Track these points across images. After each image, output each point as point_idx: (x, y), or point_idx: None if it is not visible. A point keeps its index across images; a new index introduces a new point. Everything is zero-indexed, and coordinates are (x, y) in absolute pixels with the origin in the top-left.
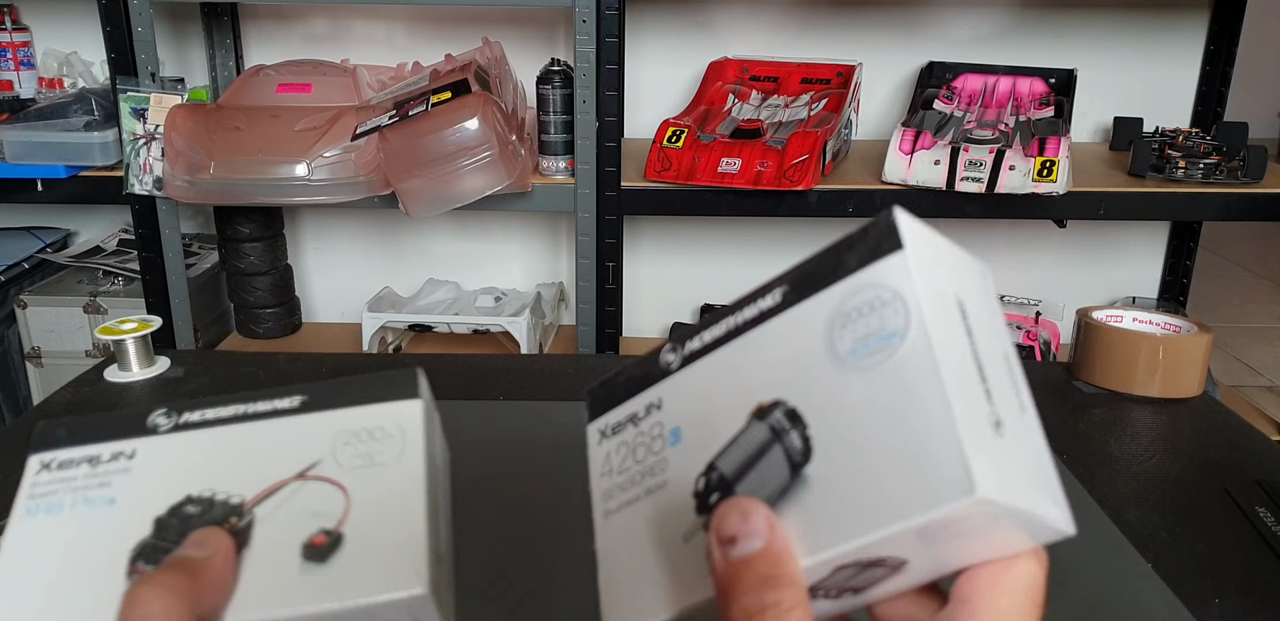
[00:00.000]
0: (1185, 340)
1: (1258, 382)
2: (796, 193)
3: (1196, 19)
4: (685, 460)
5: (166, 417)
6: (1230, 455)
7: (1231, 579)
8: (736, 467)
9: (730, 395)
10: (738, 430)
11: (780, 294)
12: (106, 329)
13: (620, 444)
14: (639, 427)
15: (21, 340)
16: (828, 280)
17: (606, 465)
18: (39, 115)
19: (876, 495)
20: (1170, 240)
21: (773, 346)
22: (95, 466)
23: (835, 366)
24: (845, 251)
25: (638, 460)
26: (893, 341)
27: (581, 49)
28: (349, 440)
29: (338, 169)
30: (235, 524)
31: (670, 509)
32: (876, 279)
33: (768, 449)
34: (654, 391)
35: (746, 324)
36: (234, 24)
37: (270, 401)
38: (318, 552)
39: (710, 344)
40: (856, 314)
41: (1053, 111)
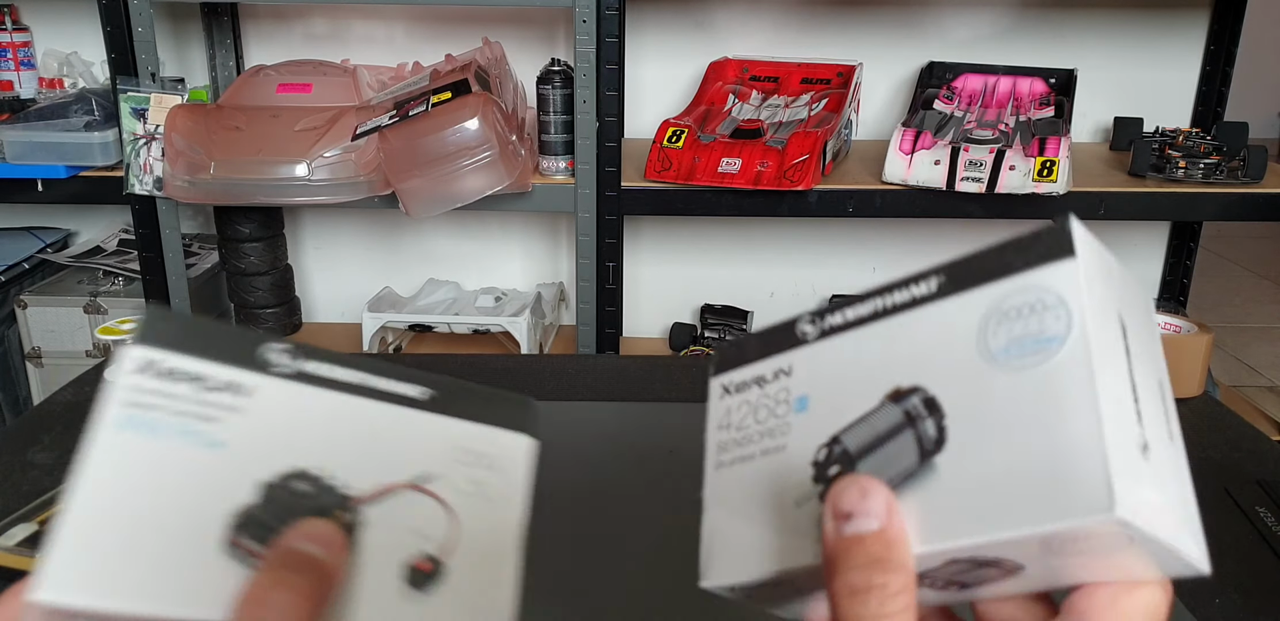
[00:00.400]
0: (1185, 340)
1: (1258, 382)
2: (797, 193)
3: (1196, 19)
4: (808, 428)
5: (289, 357)
6: (1230, 455)
7: (1231, 578)
8: (863, 445)
9: (866, 374)
10: (869, 409)
11: (936, 283)
12: (107, 329)
13: (743, 402)
14: (764, 390)
15: (22, 340)
16: (991, 276)
17: (725, 419)
18: (39, 115)
19: (1008, 496)
20: (1170, 240)
21: (920, 333)
22: (203, 390)
23: (984, 361)
24: (1013, 251)
25: (759, 420)
26: (1051, 346)
27: (582, 49)
28: (466, 460)
29: (338, 169)
30: (341, 517)
31: (787, 472)
32: (1044, 282)
33: (899, 432)
34: (785, 357)
35: (895, 307)
36: (234, 24)
37: (396, 382)
38: (421, 579)
39: (853, 321)
40: (1016, 313)
41: (1053, 111)
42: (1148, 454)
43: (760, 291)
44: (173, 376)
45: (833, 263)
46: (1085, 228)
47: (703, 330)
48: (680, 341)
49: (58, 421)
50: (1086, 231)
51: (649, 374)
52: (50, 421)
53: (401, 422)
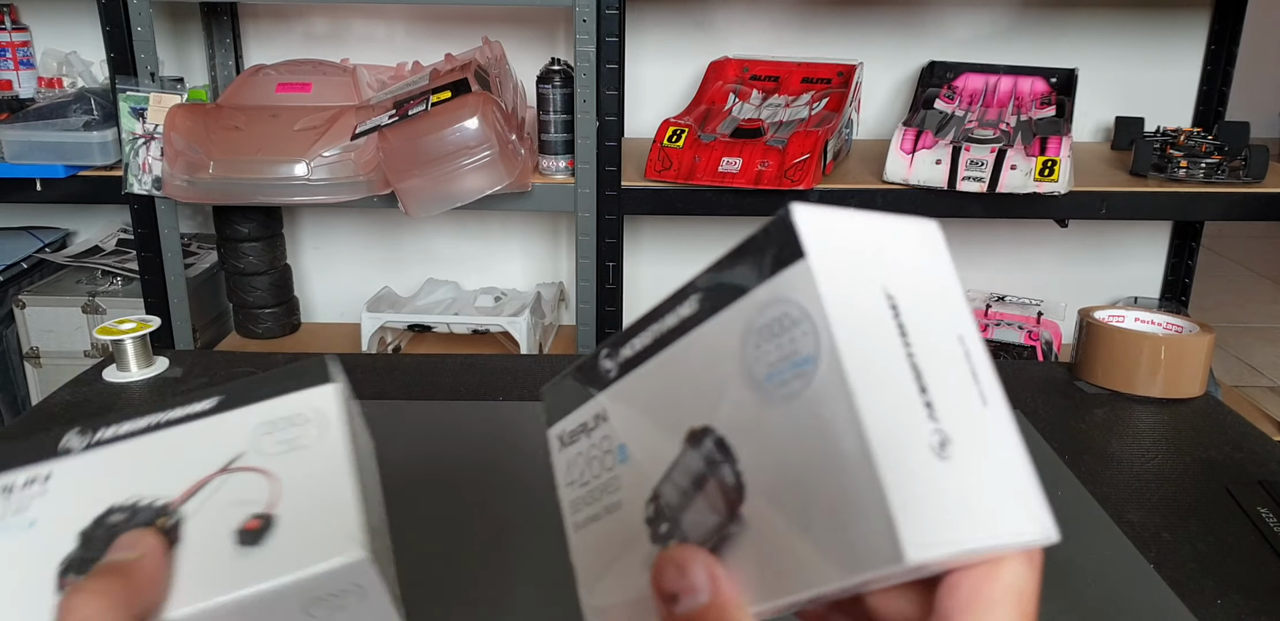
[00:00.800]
0: (1187, 340)
1: (1260, 383)
2: (797, 192)
3: (1198, 18)
4: (634, 480)
5: (81, 436)
6: (1232, 455)
7: (1233, 579)
8: (679, 498)
9: (665, 413)
10: (676, 454)
11: (696, 301)
12: (105, 329)
13: (577, 454)
14: (591, 439)
15: (20, 340)
16: (737, 290)
17: (569, 475)
18: (38, 115)
19: (808, 548)
20: (1172, 240)
21: (696, 362)
22: (9, 495)
23: (755, 392)
24: (752, 254)
25: (594, 475)
26: (806, 368)
27: (582, 48)
28: (269, 430)
29: (337, 168)
30: (164, 523)
31: (628, 533)
32: (782, 293)
33: (705, 481)
34: (599, 401)
35: (670, 333)
36: (233, 23)
37: (185, 407)
38: (251, 536)
39: (641, 352)
40: (768, 332)
41: (1054, 111)
42: (947, 450)
43: None
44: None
45: None
46: (814, 208)
47: None
48: None
49: (56, 421)
50: (817, 211)
51: None
52: (49, 421)
53: (197, 432)
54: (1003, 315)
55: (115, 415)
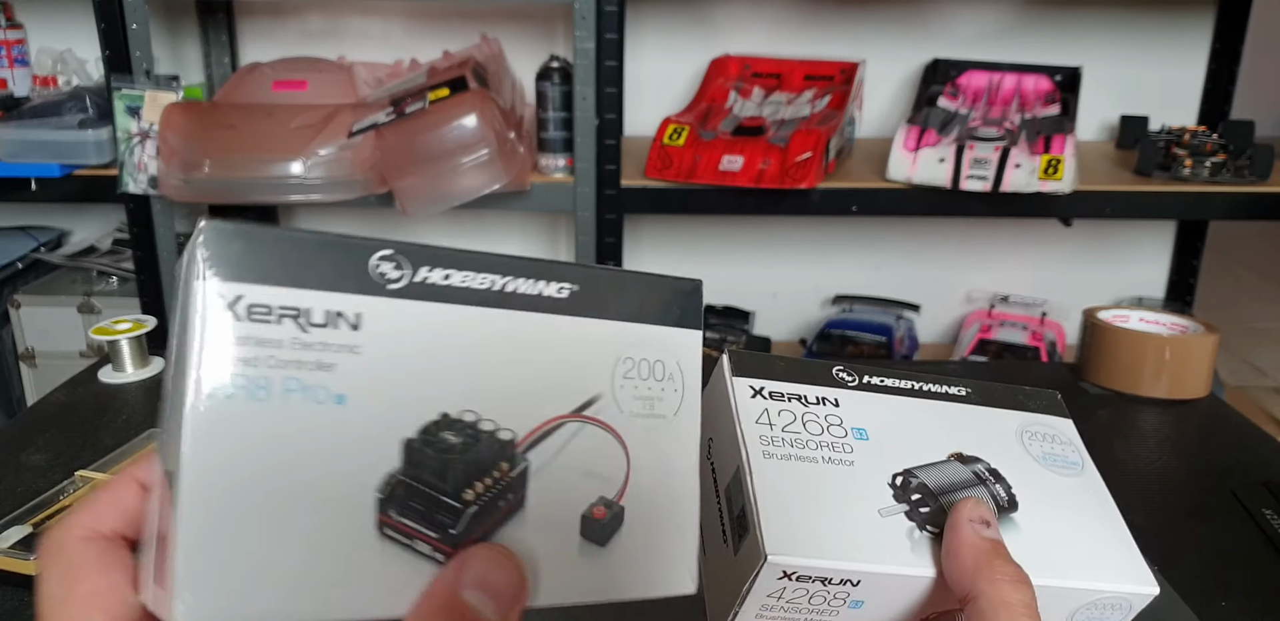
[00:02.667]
0: (1192, 340)
1: (1265, 384)
2: (799, 191)
3: (1203, 16)
4: (874, 456)
5: (395, 267)
6: (1237, 457)
7: (1237, 581)
8: (941, 486)
9: (923, 433)
10: (934, 460)
11: (964, 391)
12: (101, 329)
13: (785, 410)
14: (809, 409)
15: (15, 340)
16: (1012, 405)
17: (767, 418)
18: (33, 113)
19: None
20: (1177, 239)
21: (972, 420)
22: (305, 328)
23: (1030, 460)
24: (1021, 394)
25: (813, 433)
26: (1075, 468)
27: (581, 46)
28: (630, 371)
29: (334, 167)
30: (506, 472)
31: (861, 486)
32: (1056, 424)
33: (970, 487)
34: (825, 391)
35: (932, 393)
36: (229, 21)
37: (531, 281)
38: (598, 530)
39: (892, 388)
40: (1043, 437)
41: (1058, 109)
42: None
43: (762, 291)
44: (264, 315)
45: (836, 262)
46: None
47: (704, 330)
48: None
49: (52, 423)
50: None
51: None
52: (44, 422)
53: (547, 333)
54: (1006, 315)
55: (452, 252)
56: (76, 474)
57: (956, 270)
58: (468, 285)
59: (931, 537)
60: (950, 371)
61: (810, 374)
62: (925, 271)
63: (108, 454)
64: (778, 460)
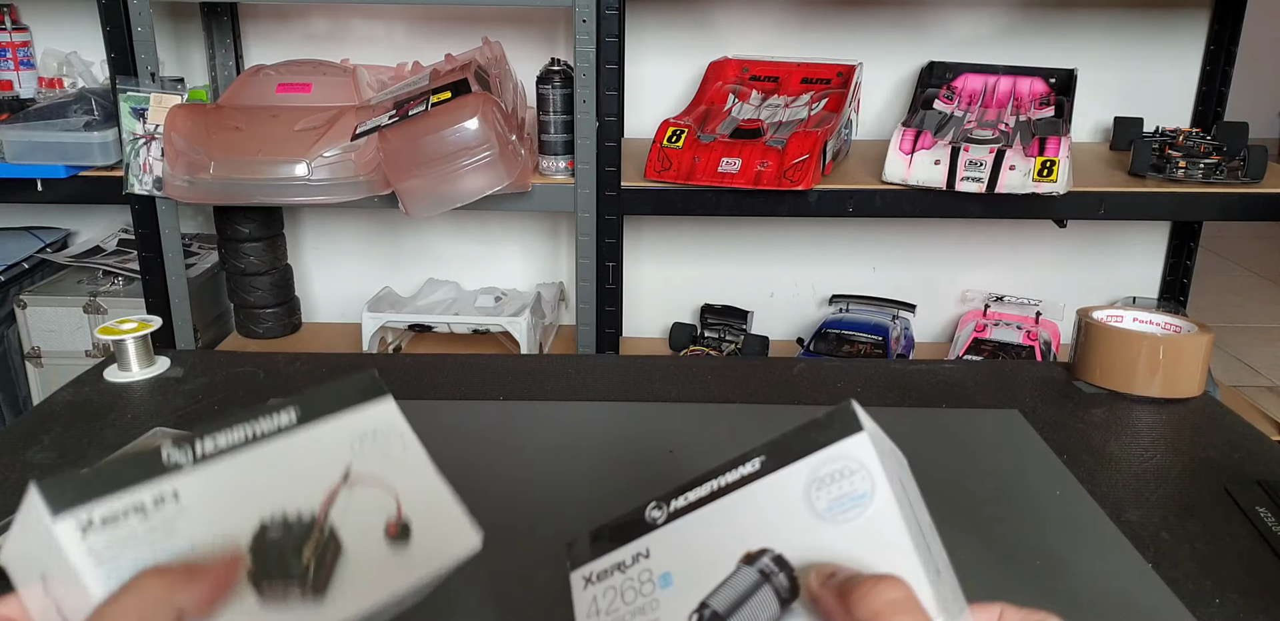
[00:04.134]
0: (1185, 340)
1: (1258, 383)
2: (797, 192)
3: (1197, 18)
4: (676, 600)
5: (180, 451)
6: (1230, 455)
7: (1232, 579)
8: (729, 605)
9: (717, 545)
10: (727, 574)
11: (759, 463)
12: (106, 329)
13: (608, 588)
14: (626, 574)
15: (21, 340)
16: (803, 452)
17: (594, 607)
18: (39, 115)
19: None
20: (1170, 240)
21: (756, 504)
22: (145, 515)
23: (814, 519)
24: (815, 431)
25: (627, 601)
26: (863, 501)
27: (581, 49)
28: (363, 443)
29: (337, 169)
30: (320, 538)
31: None
32: (845, 452)
33: (758, 588)
34: (640, 543)
35: (729, 486)
36: (234, 24)
37: (268, 418)
38: (399, 538)
39: (694, 502)
40: (830, 479)
41: (1053, 111)
42: (940, 577)
43: (760, 291)
44: (113, 522)
45: (833, 262)
46: (864, 411)
47: (703, 330)
48: (680, 341)
49: (57, 421)
50: (865, 415)
51: (649, 374)
52: (50, 421)
53: (296, 446)
54: (1001, 315)
55: (200, 428)
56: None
57: (952, 270)
58: (229, 442)
59: None
60: (946, 370)
61: (632, 527)
62: (921, 272)
63: (113, 452)
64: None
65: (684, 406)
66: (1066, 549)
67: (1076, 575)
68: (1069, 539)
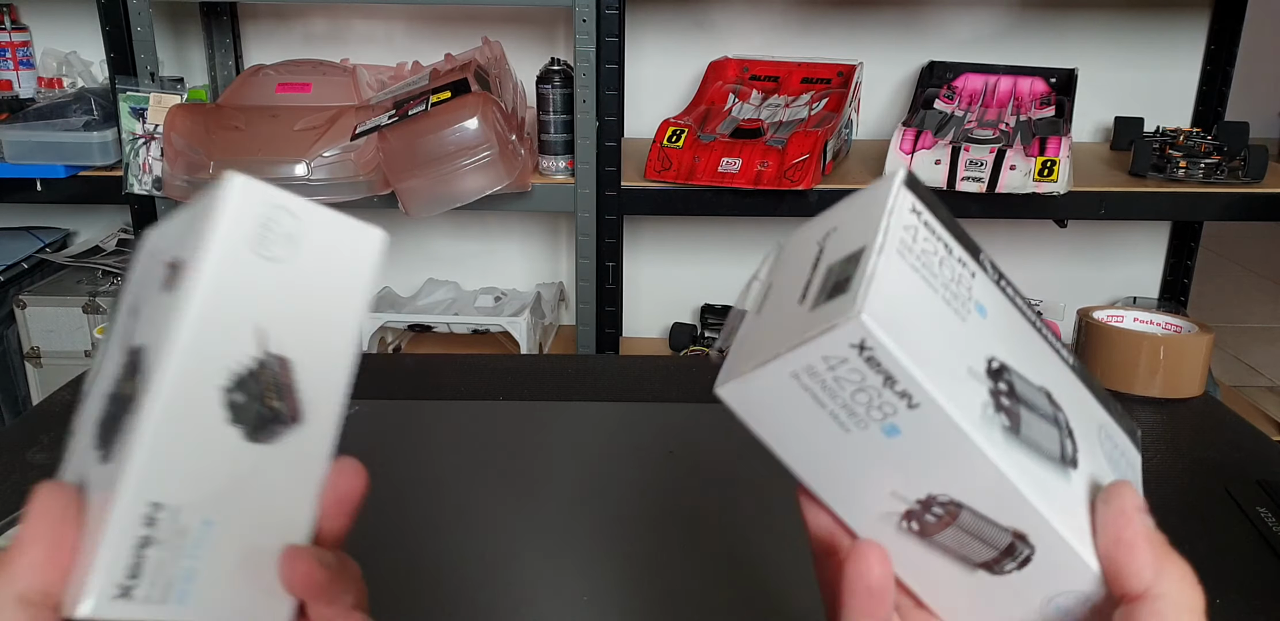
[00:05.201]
0: (1186, 340)
1: (1259, 383)
2: (797, 192)
3: (1197, 18)
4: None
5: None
6: (1231, 455)
7: (1232, 579)
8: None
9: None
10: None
11: (1071, 358)
12: (105, 329)
13: (930, 241)
14: (950, 259)
15: (21, 340)
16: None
17: (914, 236)
18: (38, 115)
19: None
20: (1171, 240)
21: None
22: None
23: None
24: (1114, 410)
25: (945, 275)
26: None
27: (581, 48)
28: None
29: (337, 169)
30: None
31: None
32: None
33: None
34: (971, 263)
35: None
36: (233, 24)
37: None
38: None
39: (1018, 305)
40: (1105, 437)
41: (1053, 111)
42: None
43: None
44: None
45: None
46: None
47: (703, 330)
48: (680, 341)
49: (56, 421)
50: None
51: (649, 374)
52: (49, 421)
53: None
54: None
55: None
56: None
57: None
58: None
59: (1002, 426)
60: None
61: (964, 239)
62: None
63: None
64: (908, 266)
65: (684, 406)
66: None
67: None
68: None
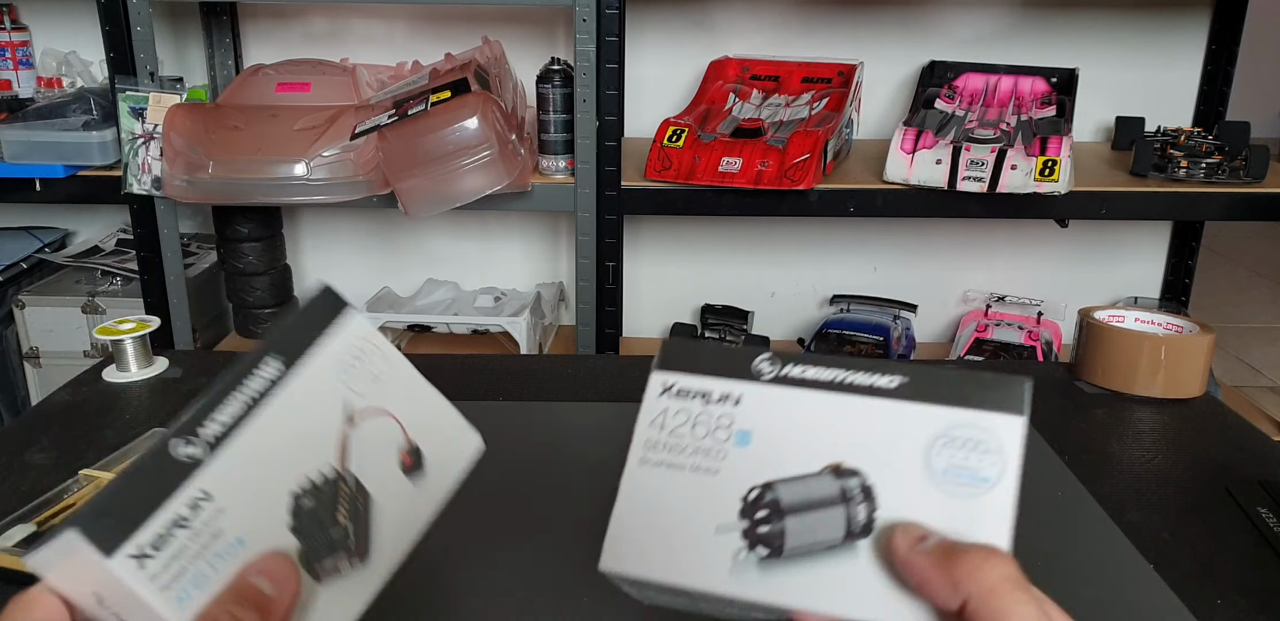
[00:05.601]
0: (1187, 340)
1: (1260, 383)
2: (797, 192)
3: (1198, 18)
4: (745, 465)
5: (192, 445)
6: (1232, 455)
7: (1233, 579)
8: (795, 503)
9: (812, 437)
10: (807, 471)
11: (897, 382)
12: (105, 329)
13: (682, 410)
14: (707, 408)
15: (20, 340)
16: (949, 400)
17: (661, 419)
18: (38, 115)
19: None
20: (1172, 240)
21: (874, 423)
22: (189, 525)
23: (924, 474)
24: (974, 386)
25: (696, 436)
26: (983, 486)
27: (582, 48)
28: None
29: (337, 168)
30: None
31: (715, 497)
32: (993, 426)
33: (831, 505)
34: (736, 385)
35: (854, 388)
36: (233, 23)
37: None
38: (414, 467)
39: (810, 381)
40: (961, 443)
41: (1054, 111)
42: None
43: (761, 291)
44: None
45: (834, 262)
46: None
47: (703, 330)
48: None
49: (56, 422)
50: (1030, 400)
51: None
52: (48, 422)
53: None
54: (1003, 315)
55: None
56: (80, 473)
57: (953, 270)
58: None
59: (759, 560)
60: None
61: (731, 365)
62: (922, 272)
63: (111, 453)
64: (651, 466)
65: None
66: (1067, 549)
67: (1077, 575)
68: (1070, 539)
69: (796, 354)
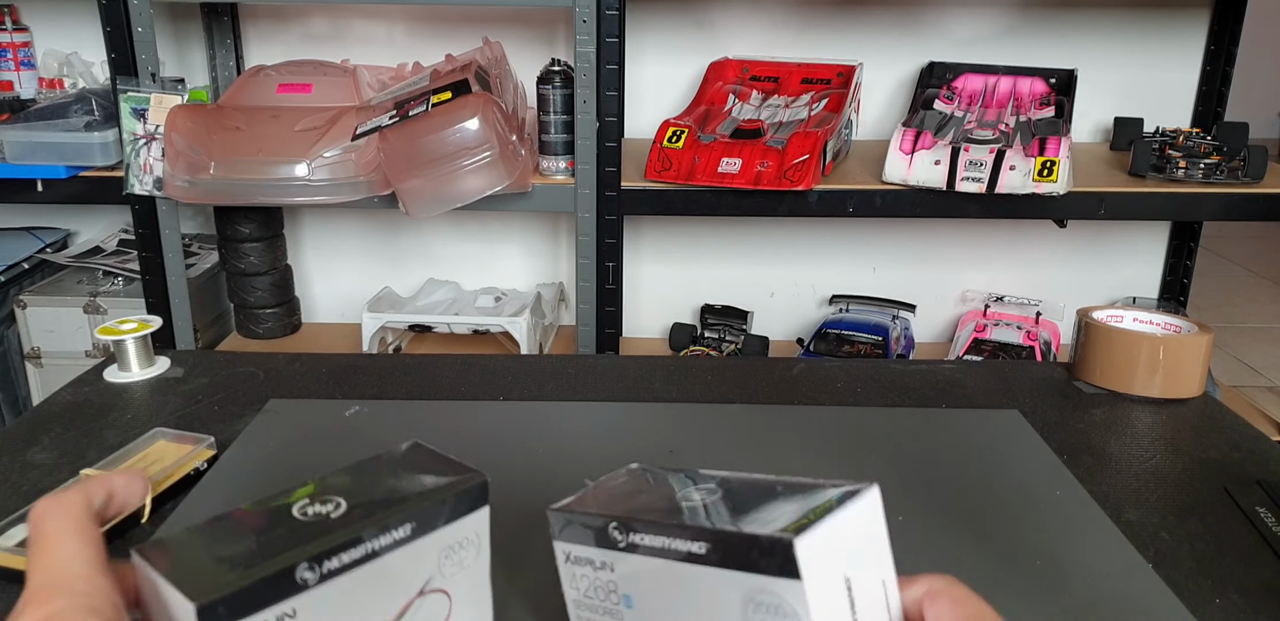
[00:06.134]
0: (1186, 340)
1: (1258, 383)
2: (797, 193)
3: (1197, 19)
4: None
5: (313, 573)
6: (1231, 455)
7: (1232, 579)
8: None
9: (677, 601)
10: None
11: (704, 548)
12: (106, 329)
13: (583, 575)
14: (598, 574)
15: (21, 340)
16: (741, 565)
17: (575, 583)
18: (39, 115)
19: None
20: (1170, 240)
21: (701, 587)
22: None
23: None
24: (759, 552)
25: (599, 599)
26: None
27: (582, 49)
28: (448, 554)
29: (338, 169)
30: None
31: None
32: (778, 590)
33: None
34: (606, 555)
35: (678, 554)
36: (234, 24)
37: (387, 535)
38: None
39: (649, 548)
40: (765, 607)
41: (1053, 111)
42: None
43: (760, 291)
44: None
45: (833, 263)
46: (813, 535)
47: (703, 330)
48: (680, 341)
49: (57, 422)
50: (813, 544)
51: (649, 374)
52: (50, 422)
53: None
54: (1001, 315)
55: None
56: (81, 472)
57: (952, 271)
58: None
59: None
60: (946, 370)
61: (598, 535)
62: (921, 272)
63: (112, 452)
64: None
65: (684, 406)
66: (1066, 549)
67: (1076, 575)
68: (1069, 539)
69: (638, 519)
